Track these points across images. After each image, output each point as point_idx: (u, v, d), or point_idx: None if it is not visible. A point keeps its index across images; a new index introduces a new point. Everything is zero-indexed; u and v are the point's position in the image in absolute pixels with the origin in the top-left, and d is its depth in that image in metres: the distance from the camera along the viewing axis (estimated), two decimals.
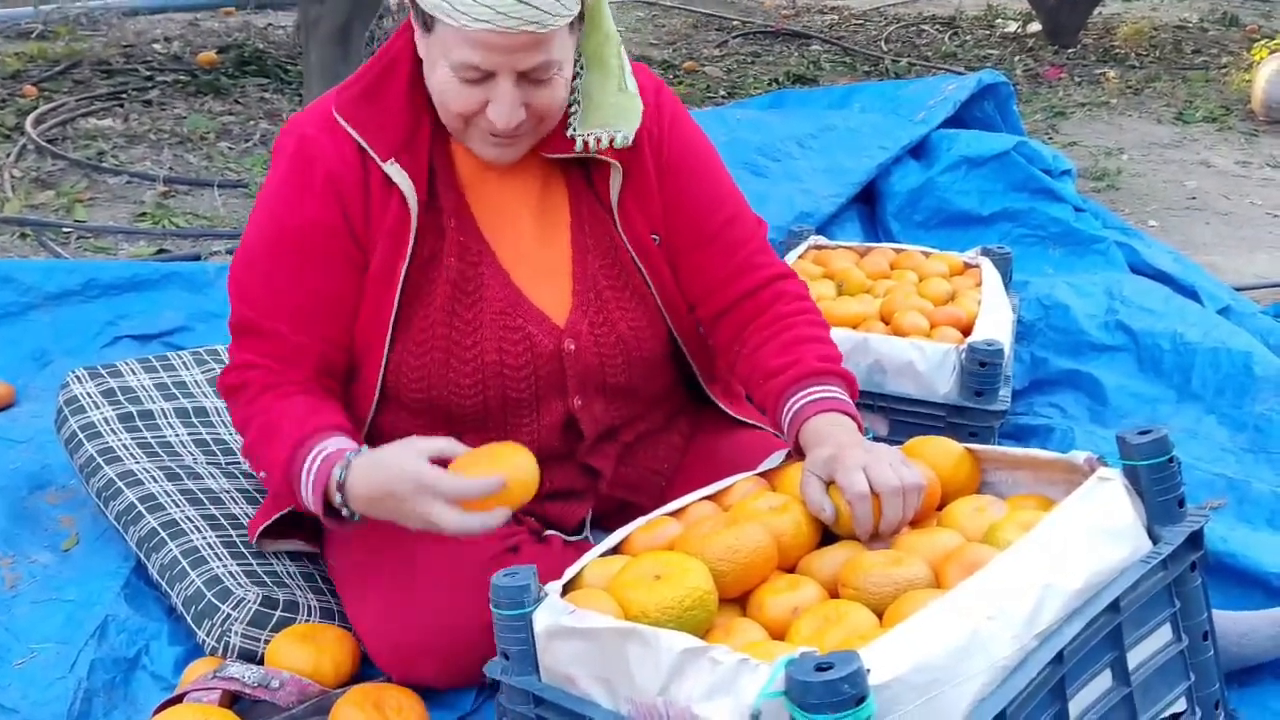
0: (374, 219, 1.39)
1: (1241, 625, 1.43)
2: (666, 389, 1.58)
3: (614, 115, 1.40)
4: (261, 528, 1.54)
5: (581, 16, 1.33)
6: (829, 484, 1.26)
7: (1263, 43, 5.83)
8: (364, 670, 1.49)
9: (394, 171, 1.37)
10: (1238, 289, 2.89)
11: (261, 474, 1.45)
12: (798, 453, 1.37)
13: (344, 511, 1.33)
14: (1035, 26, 6.84)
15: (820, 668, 0.87)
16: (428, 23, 1.29)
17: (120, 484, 1.68)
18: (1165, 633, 1.13)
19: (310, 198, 1.38)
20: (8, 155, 3.82)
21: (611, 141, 1.40)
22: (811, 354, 1.42)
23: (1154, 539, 1.15)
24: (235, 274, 1.45)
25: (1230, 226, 3.68)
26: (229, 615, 1.49)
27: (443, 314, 1.42)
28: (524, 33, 1.24)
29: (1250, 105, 5.06)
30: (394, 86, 1.38)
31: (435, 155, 1.41)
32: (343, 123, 1.38)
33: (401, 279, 1.40)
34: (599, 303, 1.46)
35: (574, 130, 1.40)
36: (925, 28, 7.11)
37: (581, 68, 1.41)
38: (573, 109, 1.40)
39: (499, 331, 1.42)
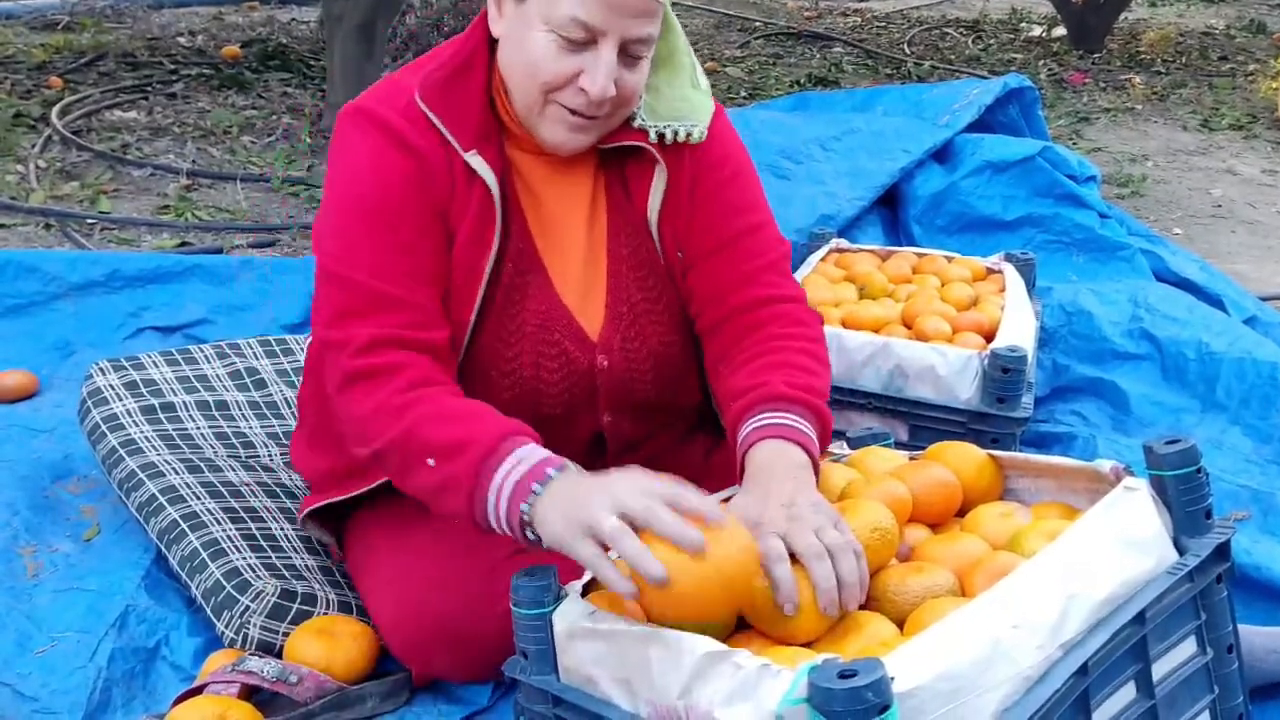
0: (457, 205, 1.35)
1: (1272, 641, 1.41)
2: (691, 402, 1.56)
3: (688, 110, 1.39)
4: (313, 506, 1.52)
5: None
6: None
7: None
8: (381, 664, 1.50)
9: (476, 162, 1.34)
10: (1263, 298, 2.86)
11: (428, 460, 1.23)
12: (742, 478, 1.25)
13: (526, 513, 1.15)
14: (1060, 31, 6.80)
15: (844, 675, 0.86)
16: None
17: (142, 475, 1.69)
18: (1190, 645, 1.12)
19: (399, 157, 1.32)
20: (33, 146, 3.85)
21: (689, 136, 1.39)
22: (781, 378, 1.29)
23: (1180, 550, 1.13)
24: (333, 249, 1.33)
25: (1256, 235, 3.65)
26: (248, 607, 1.50)
27: (490, 321, 1.39)
28: None
29: (1277, 114, 5.02)
30: (475, 78, 1.35)
31: (501, 146, 1.38)
32: (425, 108, 1.33)
33: (486, 275, 1.36)
34: (632, 316, 1.44)
35: (642, 121, 1.38)
36: (949, 31, 7.08)
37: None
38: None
39: (537, 346, 1.40)
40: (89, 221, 3.27)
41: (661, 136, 1.39)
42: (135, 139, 4.07)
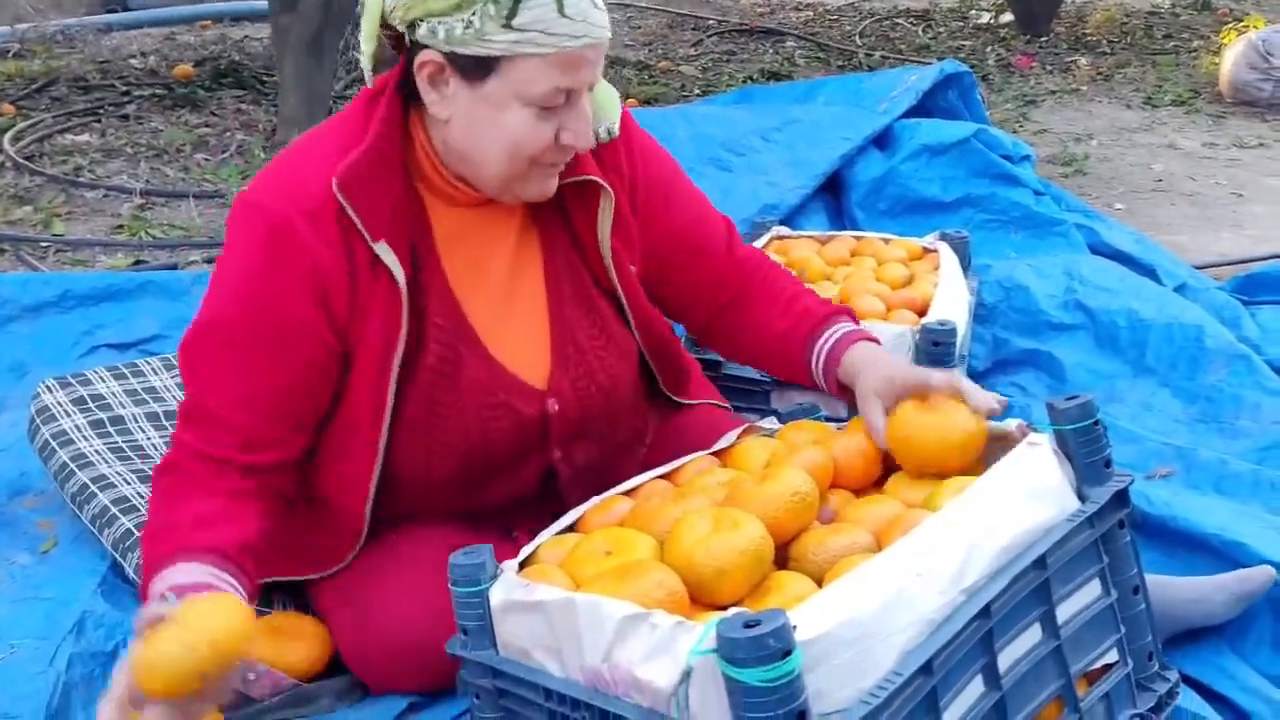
0: (360, 305, 1.33)
1: (1191, 592, 1.48)
2: (637, 425, 1.59)
3: (602, 102, 1.40)
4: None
5: None
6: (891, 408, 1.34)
7: (1231, 24, 5.90)
8: (337, 661, 1.52)
9: (383, 252, 1.31)
10: (1200, 267, 2.94)
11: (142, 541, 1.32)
12: (839, 391, 1.47)
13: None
14: (1008, 16, 6.90)
15: (748, 625, 0.91)
16: (486, 68, 1.25)
17: (94, 488, 1.72)
18: (1094, 588, 1.18)
19: (289, 292, 1.30)
20: None
21: (609, 133, 1.42)
22: (812, 302, 1.54)
23: (1082, 500, 1.19)
24: (193, 357, 1.34)
25: (1196, 207, 3.73)
26: None
27: (424, 402, 1.38)
28: (604, 40, 1.28)
29: (1217, 87, 5.12)
30: (395, 160, 1.33)
31: (412, 225, 1.36)
32: (344, 201, 1.29)
33: (396, 366, 1.35)
34: (578, 355, 1.45)
35: None
36: (899, 21, 7.17)
37: None
38: None
39: (481, 411, 1.40)
40: (43, 245, 3.28)
41: (596, 135, 1.39)
42: (88, 161, 4.09)
